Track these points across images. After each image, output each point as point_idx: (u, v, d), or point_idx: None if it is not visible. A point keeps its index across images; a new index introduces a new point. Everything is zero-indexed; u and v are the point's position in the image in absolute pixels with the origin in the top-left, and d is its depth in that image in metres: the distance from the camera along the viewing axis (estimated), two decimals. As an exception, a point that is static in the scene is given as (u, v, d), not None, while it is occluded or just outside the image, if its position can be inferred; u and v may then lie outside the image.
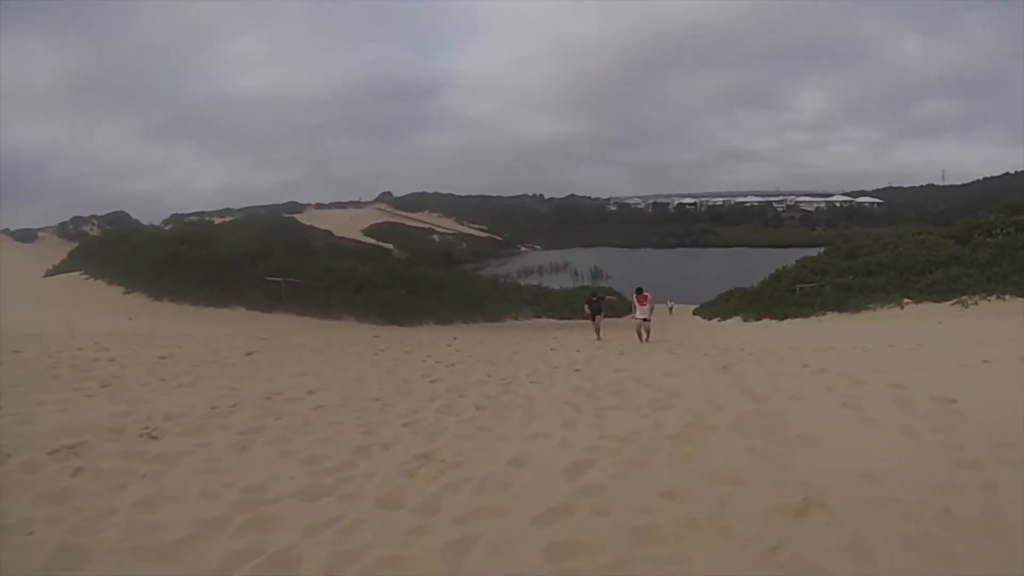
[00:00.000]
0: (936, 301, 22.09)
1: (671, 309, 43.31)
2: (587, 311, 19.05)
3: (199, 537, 3.54)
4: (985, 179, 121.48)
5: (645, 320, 15.95)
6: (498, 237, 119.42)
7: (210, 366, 10.17)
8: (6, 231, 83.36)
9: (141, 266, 27.38)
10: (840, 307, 24.56)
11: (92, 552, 3.35)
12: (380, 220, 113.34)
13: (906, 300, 23.05)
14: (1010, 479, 3.83)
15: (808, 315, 24.97)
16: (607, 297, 20.11)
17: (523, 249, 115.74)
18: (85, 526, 3.64)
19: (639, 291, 16.44)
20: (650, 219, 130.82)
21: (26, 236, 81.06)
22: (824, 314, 24.54)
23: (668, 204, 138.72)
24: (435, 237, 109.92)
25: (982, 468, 4.04)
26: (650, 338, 15.95)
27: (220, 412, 6.53)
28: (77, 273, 32.04)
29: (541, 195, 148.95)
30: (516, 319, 29.80)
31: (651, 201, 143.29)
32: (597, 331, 17.92)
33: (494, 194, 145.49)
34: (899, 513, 3.47)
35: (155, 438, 5.43)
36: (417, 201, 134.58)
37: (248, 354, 11.86)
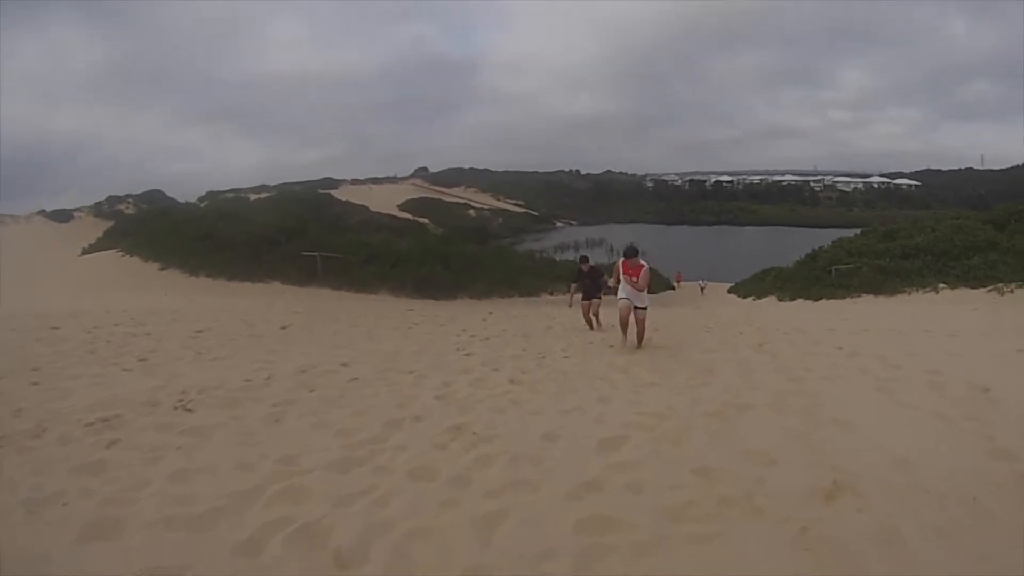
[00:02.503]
0: (972, 287, 21.45)
1: (703, 289, 42.38)
2: (572, 290, 12.80)
3: (231, 508, 3.57)
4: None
5: (637, 307, 9.05)
6: (534, 212, 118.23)
7: (245, 340, 10.28)
8: (42, 212, 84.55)
9: (177, 243, 27.70)
10: (875, 290, 24.04)
11: (126, 523, 3.39)
12: (416, 195, 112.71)
13: (941, 285, 22.50)
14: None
15: (843, 297, 24.52)
16: (605, 276, 12.08)
17: (559, 224, 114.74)
18: (119, 498, 3.69)
19: (631, 254, 9.14)
20: (686, 196, 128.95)
21: (61, 216, 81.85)
22: (859, 296, 24.12)
23: (705, 181, 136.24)
24: (471, 212, 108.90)
25: (1014, 459, 3.97)
26: (645, 340, 9.44)
27: (255, 385, 6.60)
28: (113, 251, 32.49)
29: (578, 171, 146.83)
30: (551, 294, 29.61)
31: (688, 178, 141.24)
32: (588, 321, 12.20)
33: (531, 170, 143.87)
34: (930, 501, 3.43)
35: (189, 411, 5.51)
36: (453, 176, 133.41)
37: (283, 328, 11.98)
